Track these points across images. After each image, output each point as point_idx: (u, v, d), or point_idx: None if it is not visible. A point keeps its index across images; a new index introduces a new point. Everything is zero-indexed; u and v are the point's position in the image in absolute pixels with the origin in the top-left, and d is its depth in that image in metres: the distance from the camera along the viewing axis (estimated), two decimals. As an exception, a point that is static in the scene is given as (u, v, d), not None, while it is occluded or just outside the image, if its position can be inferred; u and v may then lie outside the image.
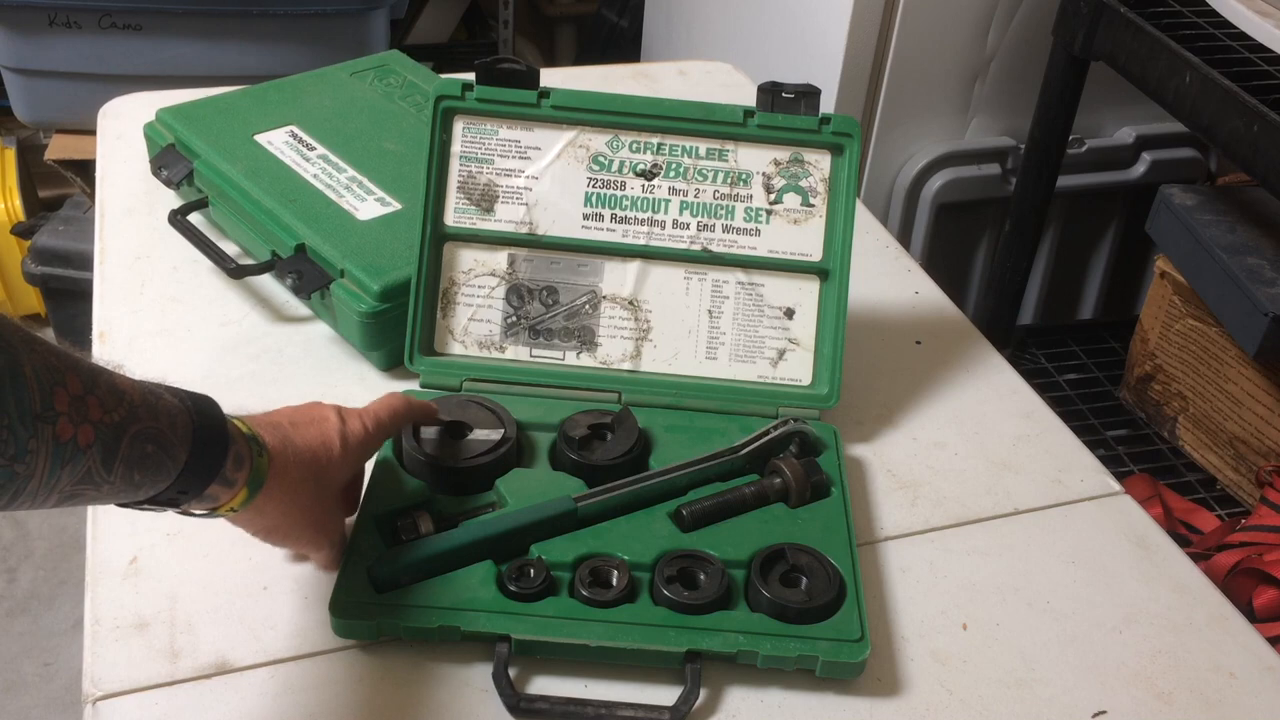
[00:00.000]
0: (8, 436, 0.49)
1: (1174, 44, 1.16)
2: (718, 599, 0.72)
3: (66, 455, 0.52)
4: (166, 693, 0.68)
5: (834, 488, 0.81)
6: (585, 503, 0.77)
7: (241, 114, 1.08)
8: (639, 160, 0.88)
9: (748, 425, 0.84)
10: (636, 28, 2.18)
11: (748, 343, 0.88)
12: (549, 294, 0.88)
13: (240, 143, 1.04)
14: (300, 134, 1.05)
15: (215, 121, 1.06)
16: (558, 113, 0.88)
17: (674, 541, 0.76)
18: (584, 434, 0.82)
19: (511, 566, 0.73)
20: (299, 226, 0.94)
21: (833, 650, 0.70)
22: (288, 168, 1.01)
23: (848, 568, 0.75)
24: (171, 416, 0.58)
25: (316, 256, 0.92)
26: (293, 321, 0.97)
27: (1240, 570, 1.14)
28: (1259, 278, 1.22)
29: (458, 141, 0.88)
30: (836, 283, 0.88)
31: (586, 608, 0.71)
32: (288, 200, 0.97)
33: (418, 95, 1.13)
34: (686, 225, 0.89)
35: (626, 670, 0.71)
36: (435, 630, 0.70)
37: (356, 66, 1.18)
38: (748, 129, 0.88)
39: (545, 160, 0.88)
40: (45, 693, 1.63)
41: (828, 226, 0.89)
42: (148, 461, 0.56)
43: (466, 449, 0.80)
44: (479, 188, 0.87)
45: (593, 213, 0.88)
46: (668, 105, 0.89)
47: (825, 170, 0.89)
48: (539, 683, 0.70)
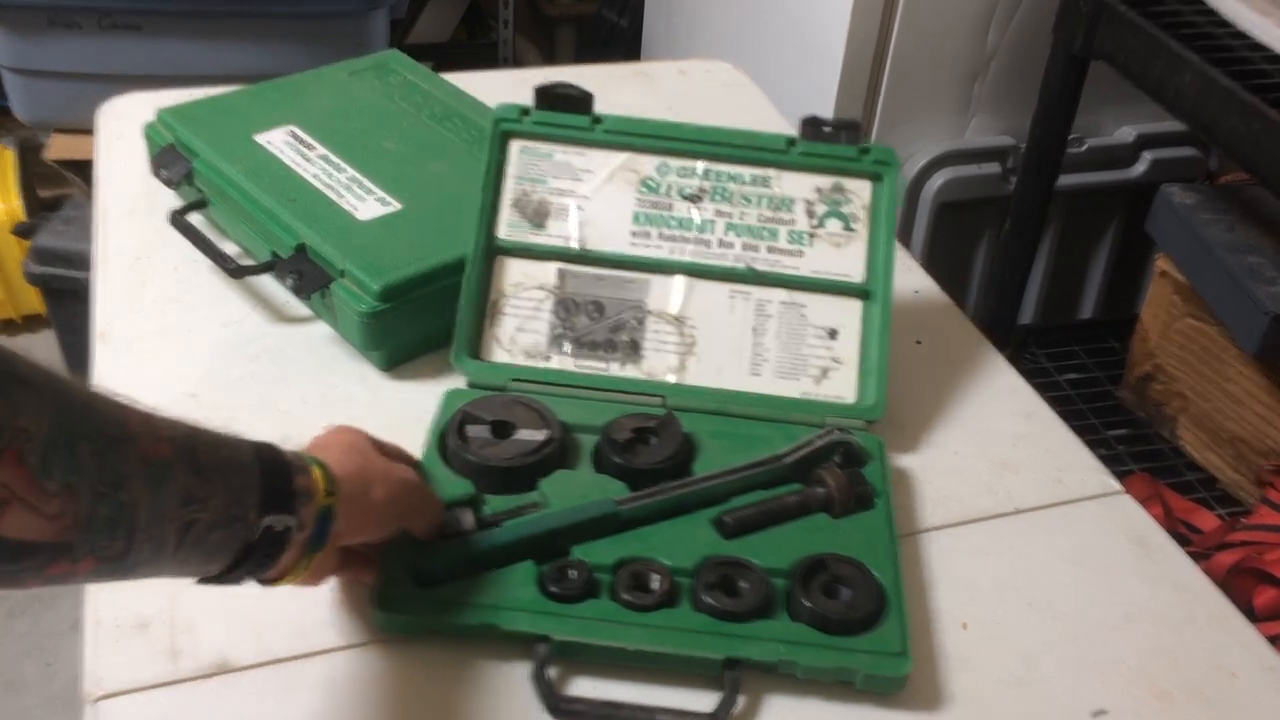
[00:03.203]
0: (103, 464, 0.48)
1: (1174, 43, 1.16)
2: (758, 607, 0.72)
3: (160, 474, 0.51)
4: (167, 692, 0.68)
5: (878, 499, 0.81)
6: (627, 506, 0.76)
7: (241, 114, 1.08)
8: (686, 184, 0.92)
9: (792, 433, 0.84)
10: (636, 27, 2.18)
11: (792, 360, 0.89)
12: (595, 308, 0.89)
13: (240, 142, 1.03)
14: (300, 134, 1.05)
15: (215, 121, 1.06)
16: (610, 137, 0.93)
17: (715, 548, 0.76)
18: (628, 437, 0.82)
19: (552, 567, 0.72)
20: (299, 226, 0.94)
21: (874, 663, 0.70)
22: (288, 167, 1.01)
23: (890, 580, 0.74)
24: (207, 425, 0.57)
25: (317, 256, 0.92)
26: (293, 321, 0.97)
27: (1240, 569, 1.14)
28: (1259, 276, 1.22)
29: (513, 162, 0.92)
30: (879, 303, 0.89)
31: (626, 611, 0.71)
32: (287, 200, 0.97)
33: (417, 95, 1.13)
34: (731, 245, 0.91)
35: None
36: (476, 628, 0.70)
37: (356, 66, 1.18)
38: (790, 156, 0.92)
39: (596, 181, 0.92)
40: (46, 692, 1.64)
41: (869, 250, 0.91)
42: (230, 465, 0.55)
43: (511, 448, 0.80)
44: (532, 204, 0.90)
45: (640, 230, 0.91)
46: (714, 133, 0.93)
47: (866, 198, 0.92)
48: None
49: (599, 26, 2.55)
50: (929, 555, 0.81)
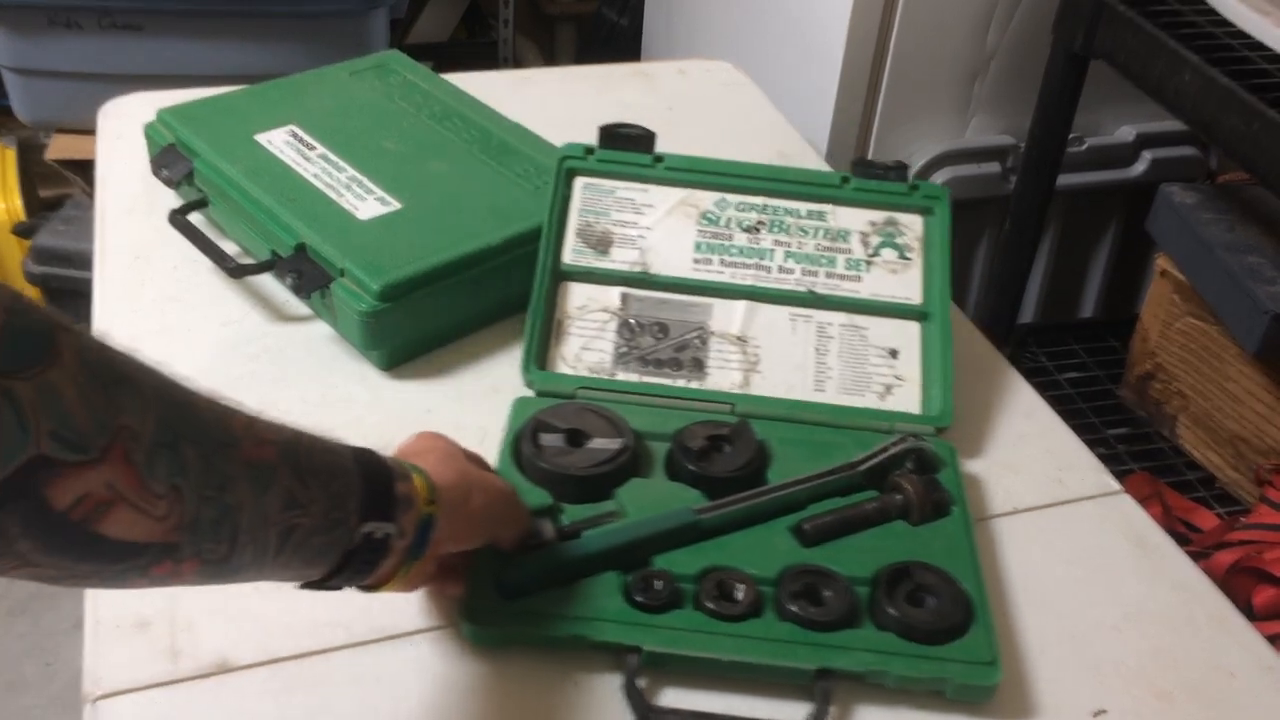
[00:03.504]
0: (208, 466, 0.48)
1: (1174, 42, 1.16)
2: (845, 616, 0.72)
3: (264, 477, 0.51)
4: (167, 692, 0.68)
5: (954, 506, 0.81)
6: (707, 515, 0.76)
7: (241, 114, 1.08)
8: (744, 218, 0.96)
9: (863, 440, 0.84)
10: (636, 26, 2.18)
11: (855, 377, 0.90)
12: (659, 329, 0.90)
13: (240, 142, 1.04)
14: (300, 133, 1.05)
15: (215, 121, 1.06)
16: (670, 174, 0.97)
17: (795, 556, 0.76)
18: (702, 445, 0.82)
19: (637, 577, 0.72)
20: (298, 226, 0.94)
21: (965, 673, 0.70)
22: (288, 167, 1.01)
23: (974, 588, 0.74)
24: (320, 438, 0.57)
25: (316, 256, 0.92)
26: (293, 321, 0.97)
27: (1240, 568, 1.14)
28: (1259, 276, 1.22)
29: (577, 197, 0.96)
30: (938, 325, 0.92)
31: (713, 621, 0.71)
32: (287, 199, 0.97)
33: (417, 95, 1.13)
34: (791, 270, 0.94)
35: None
36: (566, 639, 0.70)
37: (356, 66, 1.18)
38: (844, 192, 0.97)
39: (657, 215, 0.96)
40: (46, 692, 1.64)
41: (925, 275, 0.94)
42: (332, 470, 0.55)
43: (586, 457, 0.80)
44: (595, 234, 0.94)
45: (702, 258, 0.94)
46: (770, 170, 0.99)
47: (918, 230, 0.96)
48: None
49: (599, 26, 2.54)
50: (929, 555, 0.81)
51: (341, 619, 0.73)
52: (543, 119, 1.11)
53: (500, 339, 0.97)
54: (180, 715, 0.68)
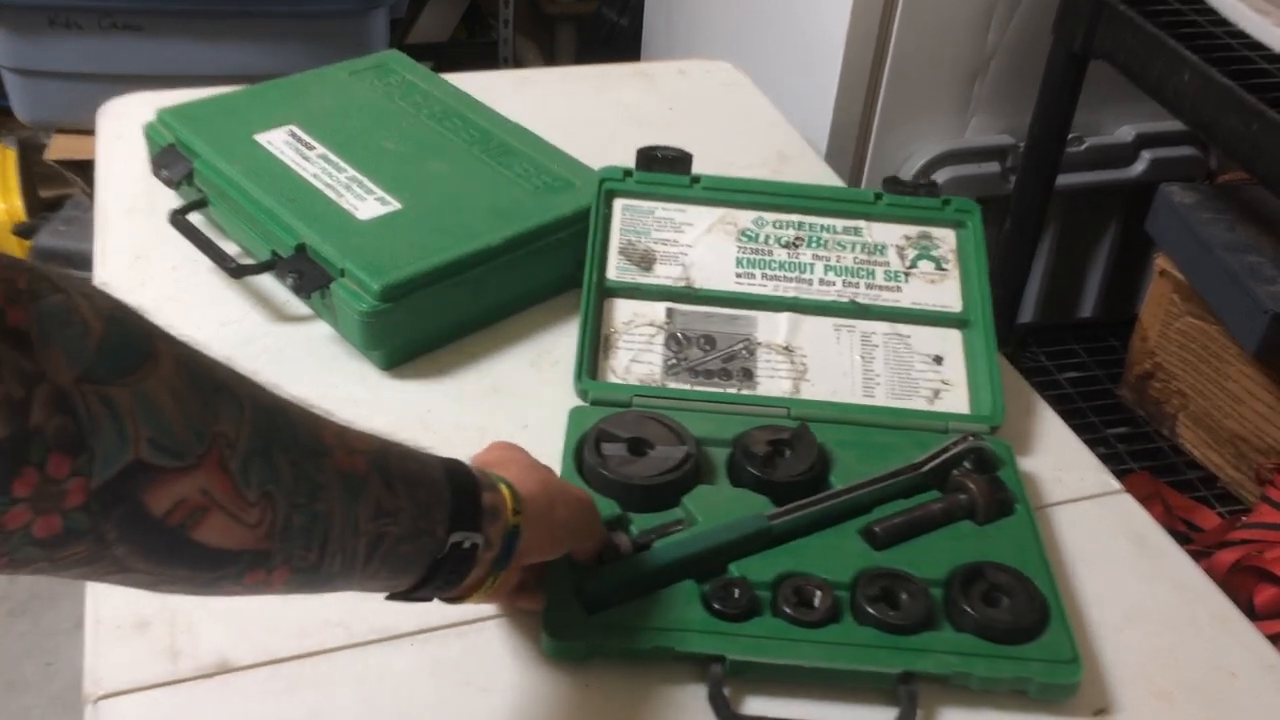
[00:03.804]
0: (300, 474, 0.48)
1: (1173, 42, 1.16)
2: (923, 619, 0.72)
3: (355, 486, 0.51)
4: (168, 692, 0.68)
5: (1017, 504, 0.81)
6: (779, 520, 0.76)
7: (241, 114, 1.08)
8: (783, 234, 0.98)
9: (920, 440, 0.84)
10: (636, 26, 2.18)
11: (902, 383, 0.90)
12: (706, 341, 0.91)
13: (240, 142, 1.03)
14: (300, 133, 1.05)
15: (215, 121, 1.06)
16: (708, 194, 1.00)
17: (868, 559, 0.76)
18: (765, 450, 0.82)
19: (715, 585, 0.72)
20: (299, 226, 0.94)
21: (1047, 671, 0.70)
22: (287, 167, 1.01)
23: (1047, 586, 0.74)
24: (410, 449, 0.57)
25: (317, 256, 0.92)
26: (293, 321, 0.97)
27: (1241, 568, 1.14)
28: (1259, 275, 1.22)
29: (618, 217, 0.98)
30: (980, 330, 0.93)
31: (794, 627, 0.71)
32: (287, 199, 0.97)
33: (417, 95, 1.13)
34: (832, 283, 0.96)
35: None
36: (650, 650, 0.70)
37: (356, 66, 1.18)
38: (878, 208, 1.00)
39: (697, 232, 0.98)
40: (47, 692, 1.64)
41: (963, 284, 0.96)
42: (420, 479, 0.55)
43: (652, 465, 0.80)
44: (638, 252, 0.96)
45: (744, 272, 0.96)
46: (805, 189, 1.01)
47: (952, 243, 0.99)
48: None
49: (599, 26, 2.55)
50: (929, 554, 0.81)
51: (342, 619, 0.73)
52: (543, 119, 1.11)
53: (501, 339, 0.97)
54: (181, 716, 0.68)
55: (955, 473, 0.81)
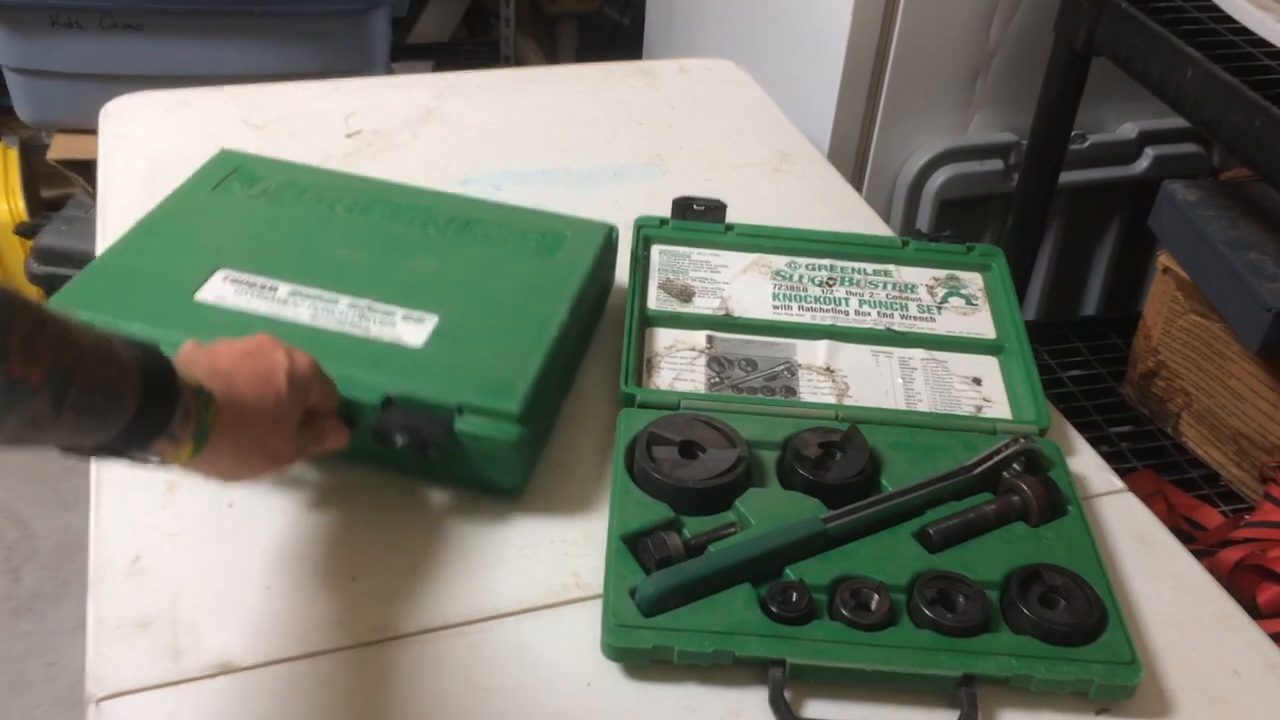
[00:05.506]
0: None
1: (1175, 39, 1.16)
2: (981, 621, 0.72)
3: (17, 396, 0.51)
4: (170, 692, 0.68)
5: (1070, 505, 0.81)
6: (834, 523, 0.76)
7: (145, 279, 0.87)
8: (816, 275, 1.01)
9: (970, 442, 0.84)
10: (638, 25, 2.18)
11: (944, 400, 0.91)
12: (747, 363, 0.92)
13: (184, 314, 0.83)
14: (240, 276, 0.86)
15: (127, 293, 0.85)
16: (741, 240, 1.02)
17: (923, 562, 0.75)
18: (816, 453, 0.81)
19: (773, 589, 0.72)
20: (365, 377, 0.78)
21: (1107, 673, 0.70)
22: (271, 320, 0.83)
23: (1103, 587, 0.74)
24: (122, 366, 0.57)
25: (413, 404, 0.78)
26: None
27: (1244, 566, 1.14)
28: (1262, 273, 1.22)
29: (655, 260, 1.01)
30: (1017, 356, 0.94)
31: (852, 630, 0.71)
32: (321, 355, 0.75)
33: (311, 194, 0.96)
34: (867, 314, 0.98)
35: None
36: (710, 654, 0.70)
37: (205, 182, 0.98)
38: (906, 253, 1.03)
39: (733, 273, 1.00)
40: (49, 692, 1.64)
41: (995, 315, 0.98)
42: (95, 411, 0.56)
43: (704, 468, 0.79)
44: (677, 287, 0.97)
45: (781, 304, 0.98)
46: (835, 235, 1.04)
47: (979, 284, 1.02)
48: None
49: (601, 25, 2.55)
50: (932, 553, 0.81)
51: (343, 619, 0.73)
52: (544, 118, 1.11)
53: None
54: (183, 716, 0.68)
55: (1007, 474, 0.81)
